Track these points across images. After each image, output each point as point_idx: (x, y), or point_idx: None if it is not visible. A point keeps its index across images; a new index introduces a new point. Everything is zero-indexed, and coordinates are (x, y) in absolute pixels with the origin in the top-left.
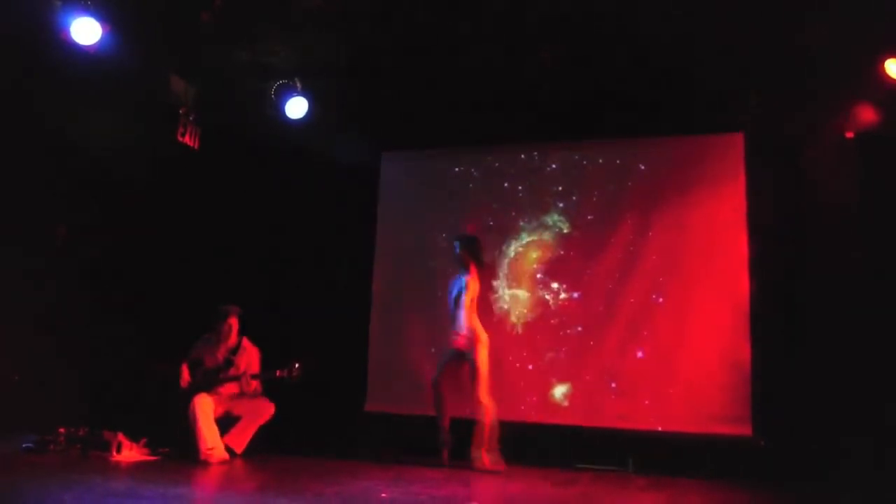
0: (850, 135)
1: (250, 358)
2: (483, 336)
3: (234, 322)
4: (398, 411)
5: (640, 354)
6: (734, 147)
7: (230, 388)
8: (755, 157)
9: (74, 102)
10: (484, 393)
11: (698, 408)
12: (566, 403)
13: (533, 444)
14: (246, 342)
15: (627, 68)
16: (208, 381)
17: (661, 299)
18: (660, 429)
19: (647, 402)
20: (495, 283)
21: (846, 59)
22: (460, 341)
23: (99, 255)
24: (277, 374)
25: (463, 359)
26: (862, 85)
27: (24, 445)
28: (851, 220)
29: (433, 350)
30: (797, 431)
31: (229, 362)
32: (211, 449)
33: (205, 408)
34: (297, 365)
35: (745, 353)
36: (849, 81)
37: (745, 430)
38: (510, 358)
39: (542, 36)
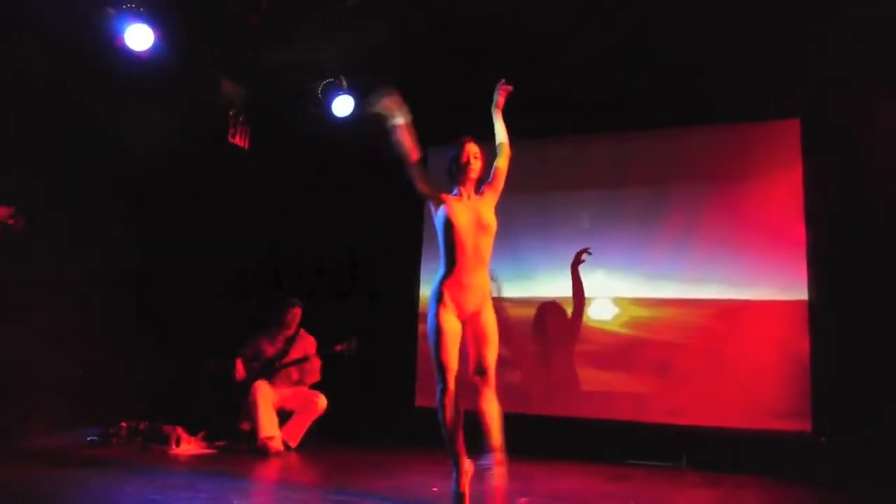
0: None
1: (306, 345)
2: None
3: (297, 313)
4: None
5: (693, 348)
6: (791, 134)
7: (290, 375)
8: (812, 144)
9: (128, 106)
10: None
11: (754, 403)
12: (617, 398)
13: (585, 440)
14: (303, 332)
15: (678, 55)
16: (269, 368)
17: (715, 290)
18: (714, 424)
19: (700, 397)
20: (541, 277)
21: None
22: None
23: (154, 254)
24: (338, 348)
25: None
26: None
27: (88, 438)
28: None
29: None
30: (859, 428)
31: (287, 351)
32: (269, 438)
33: (265, 395)
34: (354, 340)
35: (803, 345)
36: None
37: (804, 426)
38: (560, 353)
39: (590, 24)
